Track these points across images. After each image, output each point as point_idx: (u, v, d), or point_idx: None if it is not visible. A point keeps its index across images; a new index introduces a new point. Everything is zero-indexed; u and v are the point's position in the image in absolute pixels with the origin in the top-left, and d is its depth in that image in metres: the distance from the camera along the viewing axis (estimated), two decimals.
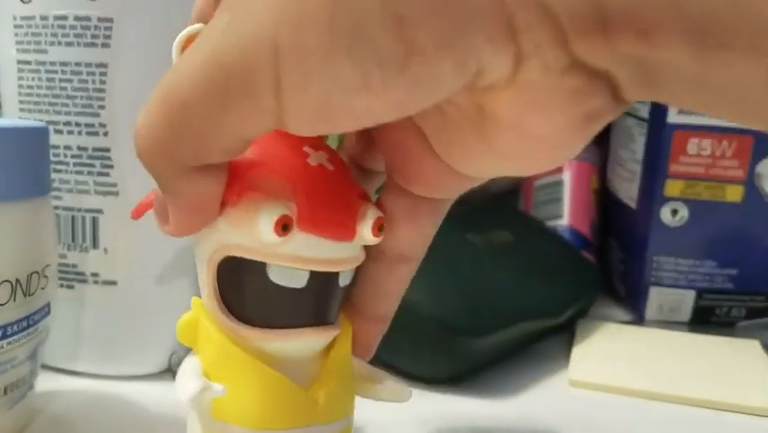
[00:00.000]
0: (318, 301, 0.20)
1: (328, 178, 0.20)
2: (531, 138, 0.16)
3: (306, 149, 0.20)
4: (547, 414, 0.34)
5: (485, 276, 0.38)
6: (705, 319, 0.46)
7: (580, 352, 0.40)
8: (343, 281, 0.20)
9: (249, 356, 0.19)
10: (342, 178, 0.20)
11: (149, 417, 0.31)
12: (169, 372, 0.35)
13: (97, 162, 0.32)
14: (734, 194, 0.43)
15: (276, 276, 0.19)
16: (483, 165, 0.18)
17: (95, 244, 0.33)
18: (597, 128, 0.17)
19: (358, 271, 0.22)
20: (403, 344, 0.36)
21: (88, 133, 0.32)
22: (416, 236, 0.21)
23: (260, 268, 0.19)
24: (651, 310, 0.47)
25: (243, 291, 0.19)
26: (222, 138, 0.16)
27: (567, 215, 0.50)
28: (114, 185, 0.33)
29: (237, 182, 0.19)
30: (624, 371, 0.38)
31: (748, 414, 0.35)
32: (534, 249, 0.43)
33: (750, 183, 0.43)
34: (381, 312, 0.23)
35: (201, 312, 0.20)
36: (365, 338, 0.23)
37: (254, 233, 0.18)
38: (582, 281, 0.44)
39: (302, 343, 0.20)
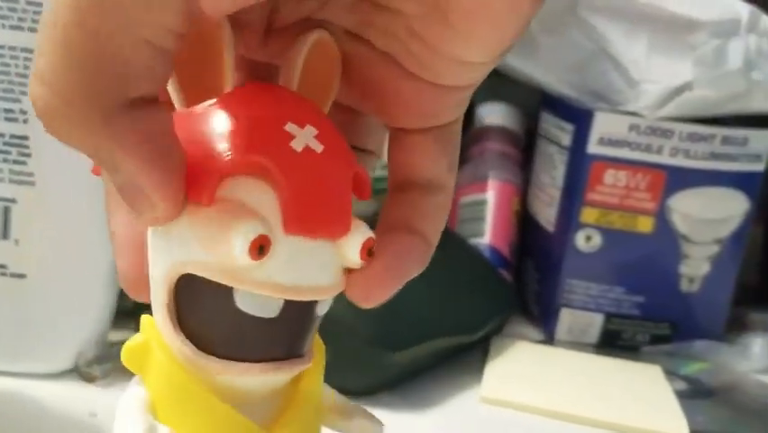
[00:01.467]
0: (291, 333, 0.17)
1: (316, 164, 0.17)
2: None
3: (289, 127, 0.17)
4: (459, 429, 0.35)
5: (406, 290, 0.39)
6: (611, 342, 0.48)
7: (492, 369, 0.41)
8: (321, 311, 0.18)
9: (205, 392, 0.17)
10: (332, 158, 0.17)
11: (51, 418, 0.30)
12: (76, 371, 0.34)
13: (14, 150, 0.31)
14: (645, 225, 0.46)
15: (244, 303, 0.16)
16: (454, 54, 0.17)
17: (5, 235, 0.32)
18: None
19: (390, 202, 0.19)
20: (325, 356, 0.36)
21: (7, 119, 0.31)
22: (436, 166, 0.19)
23: (225, 292, 0.16)
24: (561, 331, 0.48)
25: (204, 317, 0.17)
26: (139, 38, 0.13)
27: (488, 233, 0.51)
28: (31, 174, 0.32)
29: (206, 177, 0.16)
30: (534, 390, 0.39)
31: None
32: (456, 266, 0.44)
33: (661, 215, 0.46)
34: (419, 228, 0.19)
35: (152, 335, 0.18)
36: (401, 251, 0.19)
37: (224, 252, 0.15)
38: (498, 300, 0.45)
39: (268, 378, 0.17)
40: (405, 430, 0.35)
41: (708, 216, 0.46)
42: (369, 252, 0.17)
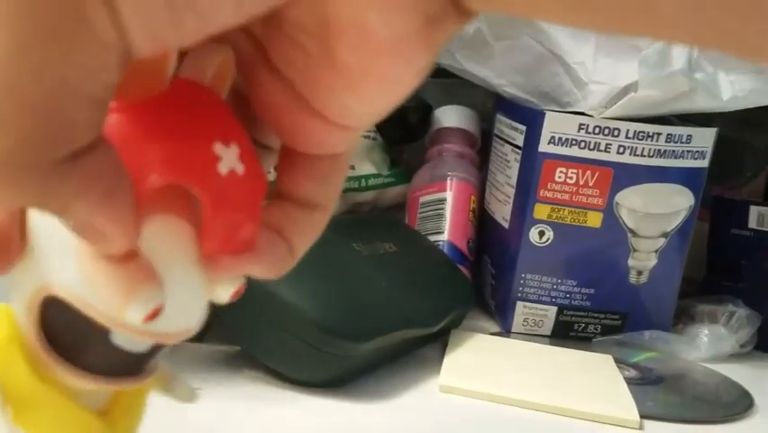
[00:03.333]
0: (150, 359, 0.19)
1: (238, 188, 0.17)
2: (373, 46, 0.16)
3: (216, 148, 0.17)
4: (419, 417, 0.36)
5: (368, 284, 0.40)
6: (564, 334, 0.50)
7: (451, 360, 0.42)
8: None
9: (44, 383, 0.18)
10: (251, 180, 0.18)
11: None
12: None
13: None
14: (594, 220, 0.48)
15: (119, 340, 0.17)
16: (345, 102, 0.18)
17: None
18: (440, 38, 0.17)
19: (272, 204, 0.20)
20: (284, 347, 0.37)
21: None
22: (320, 190, 0.20)
23: (101, 328, 0.17)
24: (517, 323, 0.50)
25: (72, 334, 0.17)
26: (76, 96, 0.13)
27: (447, 231, 0.53)
28: None
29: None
30: (491, 379, 0.40)
31: (600, 423, 0.38)
32: (415, 261, 0.45)
33: (609, 211, 0.47)
34: (289, 238, 0.20)
35: (12, 330, 0.18)
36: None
37: (116, 310, 0.16)
38: (457, 294, 0.47)
39: (115, 387, 0.19)
40: (365, 419, 0.36)
41: (655, 211, 0.48)
42: (238, 296, 0.19)
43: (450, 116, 0.58)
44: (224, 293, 0.18)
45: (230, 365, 0.40)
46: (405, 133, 0.58)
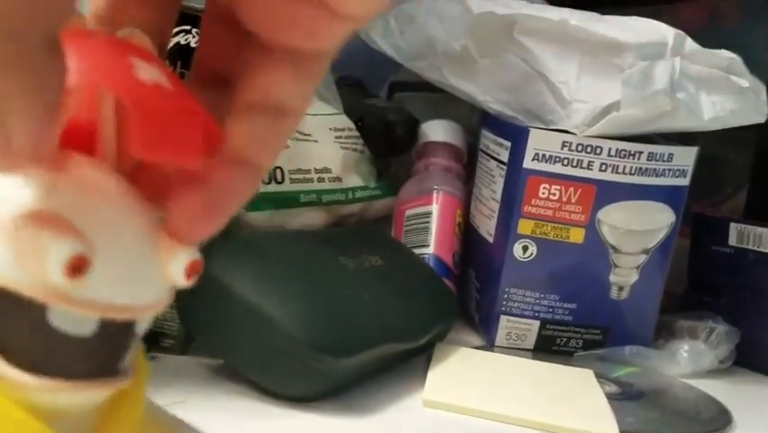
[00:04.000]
0: (106, 351, 0.17)
1: (167, 102, 0.16)
2: None
3: (132, 59, 0.16)
4: (402, 432, 0.37)
5: (353, 298, 0.40)
6: (547, 348, 0.51)
7: (435, 374, 0.43)
8: (140, 329, 0.17)
9: (14, 407, 0.16)
10: (184, 104, 0.16)
11: None
12: None
13: None
14: (576, 236, 0.48)
15: (57, 320, 0.15)
16: None
17: None
18: None
19: (231, 119, 0.18)
20: (268, 361, 0.37)
21: None
22: (295, 89, 0.18)
23: (38, 308, 0.15)
24: (500, 337, 0.50)
25: (15, 330, 0.15)
26: None
27: (433, 244, 0.53)
28: None
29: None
30: (474, 393, 0.41)
31: None
32: (402, 275, 0.46)
33: (591, 227, 0.48)
34: (253, 159, 0.18)
35: None
36: (223, 177, 0.18)
37: (37, 271, 0.14)
38: (443, 308, 0.47)
39: (83, 395, 0.17)
40: None
41: (636, 228, 0.48)
42: (194, 272, 0.17)
43: (436, 131, 0.59)
44: (178, 267, 0.16)
45: (213, 378, 0.40)
46: (392, 147, 0.59)
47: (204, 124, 0.17)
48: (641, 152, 0.47)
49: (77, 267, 0.14)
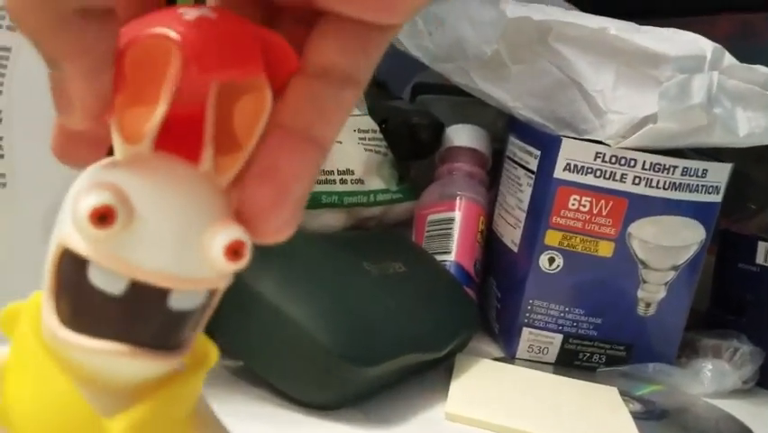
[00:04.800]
0: (140, 318, 0.17)
1: (212, 23, 0.16)
2: None
3: (179, 10, 0.16)
4: None
5: (377, 306, 0.39)
6: (569, 362, 0.50)
7: (457, 386, 0.42)
8: (179, 304, 0.17)
9: (50, 362, 0.17)
10: (230, 18, 0.17)
11: None
12: None
13: None
14: (605, 249, 0.47)
15: (93, 276, 0.16)
16: None
17: None
18: None
19: (291, 89, 0.18)
20: (290, 365, 0.36)
21: None
22: (359, 60, 0.18)
23: (81, 265, 0.16)
24: (522, 349, 0.49)
25: (68, 289, 0.17)
26: None
27: (455, 251, 0.52)
28: (2, 175, 0.31)
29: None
30: (498, 408, 0.40)
31: None
32: (424, 282, 0.45)
33: (621, 241, 0.47)
34: (317, 134, 0.18)
35: (30, 305, 0.18)
36: (291, 162, 0.17)
37: (72, 211, 0.16)
38: (464, 317, 0.46)
39: (113, 362, 0.17)
40: None
41: (666, 244, 0.47)
42: (235, 254, 0.16)
43: (461, 135, 0.58)
44: (218, 245, 0.16)
45: (232, 382, 0.39)
46: (416, 150, 0.58)
47: (261, 37, 0.17)
48: (675, 167, 0.46)
49: (102, 216, 0.15)
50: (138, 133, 0.16)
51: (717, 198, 0.48)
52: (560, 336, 0.49)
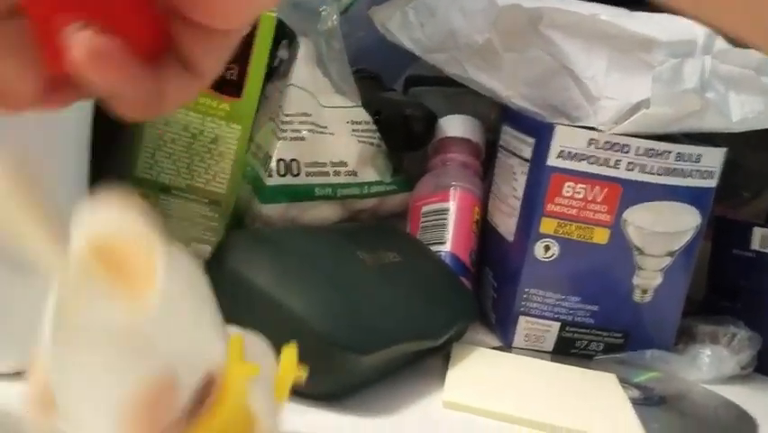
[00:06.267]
0: None
1: None
2: None
3: None
4: None
5: (372, 295, 0.39)
6: (566, 350, 0.49)
7: (454, 375, 0.41)
8: None
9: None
10: None
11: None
12: None
13: None
14: (600, 236, 0.47)
15: None
16: None
17: None
18: None
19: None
20: None
21: None
22: (208, 60, 0.22)
23: None
24: (518, 338, 0.49)
25: None
26: None
27: (450, 241, 0.52)
28: None
29: None
30: (495, 395, 0.40)
31: None
32: (419, 272, 0.45)
33: (616, 228, 0.47)
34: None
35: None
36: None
37: None
38: (460, 307, 0.46)
39: None
40: None
41: (662, 230, 0.47)
42: None
43: (455, 126, 0.58)
44: None
45: None
46: (409, 142, 0.57)
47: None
48: (669, 152, 0.46)
49: None
50: None
51: (712, 183, 0.48)
52: (557, 325, 0.49)
